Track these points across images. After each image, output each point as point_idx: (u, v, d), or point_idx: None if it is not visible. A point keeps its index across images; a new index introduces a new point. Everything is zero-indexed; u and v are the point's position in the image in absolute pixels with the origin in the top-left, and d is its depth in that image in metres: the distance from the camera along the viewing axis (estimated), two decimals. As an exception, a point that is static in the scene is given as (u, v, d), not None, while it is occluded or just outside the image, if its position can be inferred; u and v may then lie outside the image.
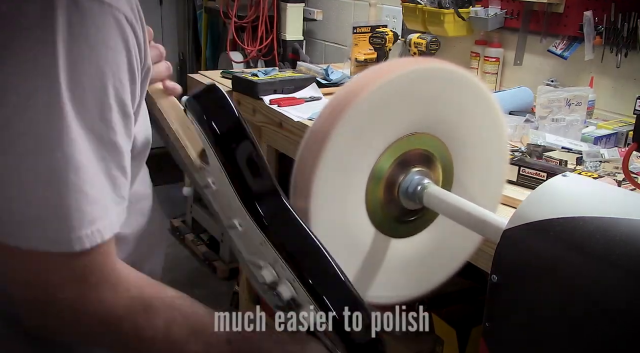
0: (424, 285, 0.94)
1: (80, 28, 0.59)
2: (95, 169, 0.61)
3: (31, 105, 0.58)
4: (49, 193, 0.59)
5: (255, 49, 2.84)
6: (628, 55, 1.66)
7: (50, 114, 0.58)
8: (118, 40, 0.61)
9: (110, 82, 0.61)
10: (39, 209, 0.59)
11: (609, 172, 1.31)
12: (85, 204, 0.60)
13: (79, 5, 0.58)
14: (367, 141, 0.82)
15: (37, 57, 0.58)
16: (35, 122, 0.58)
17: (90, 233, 0.60)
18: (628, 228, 0.61)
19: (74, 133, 0.59)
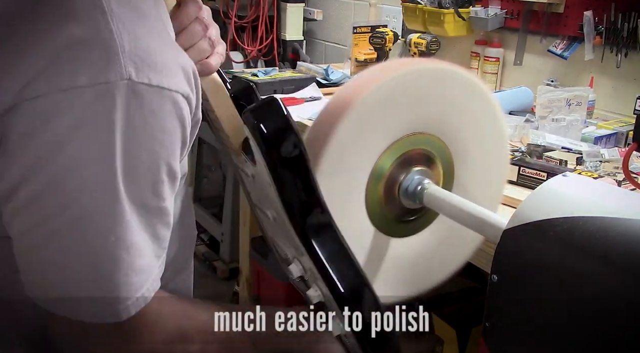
0: (423, 285, 0.94)
1: (139, 118, 0.58)
2: (145, 239, 0.63)
3: (87, 190, 0.58)
4: (101, 274, 0.61)
5: (255, 49, 2.84)
6: (628, 55, 1.66)
7: (106, 200, 0.59)
8: (175, 121, 0.61)
9: (164, 161, 0.62)
10: (89, 289, 0.61)
11: (609, 172, 1.31)
12: (134, 276, 0.62)
13: (138, 95, 0.57)
14: (367, 141, 0.82)
15: (95, 148, 0.57)
16: (91, 207, 0.59)
17: (136, 300, 0.62)
18: (628, 228, 0.61)
19: (126, 215, 0.60)
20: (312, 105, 1.82)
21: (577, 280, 0.63)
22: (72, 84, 0.55)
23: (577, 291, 0.63)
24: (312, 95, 1.89)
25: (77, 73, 0.55)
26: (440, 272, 0.96)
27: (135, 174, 0.60)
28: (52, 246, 0.59)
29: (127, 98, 0.57)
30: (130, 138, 0.58)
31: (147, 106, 0.58)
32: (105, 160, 0.58)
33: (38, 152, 0.56)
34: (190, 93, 0.63)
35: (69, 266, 0.60)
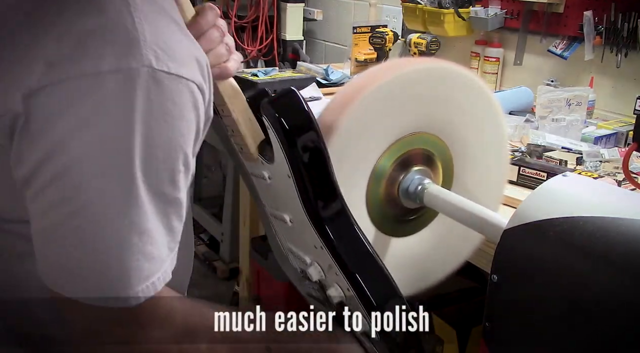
0: (423, 284, 0.94)
1: (158, 104, 0.60)
2: (158, 228, 0.63)
3: (104, 175, 0.59)
4: (112, 257, 0.61)
5: (255, 49, 2.84)
6: (628, 55, 1.66)
7: (122, 184, 0.60)
8: (191, 111, 0.63)
9: (181, 150, 0.63)
10: (100, 270, 0.61)
11: (609, 172, 1.31)
12: (144, 262, 0.62)
13: (158, 82, 0.59)
14: (368, 140, 0.82)
15: (115, 133, 0.59)
16: (107, 192, 0.60)
17: (146, 287, 0.63)
18: (628, 228, 0.61)
19: (142, 201, 0.61)
20: (312, 105, 1.81)
21: (577, 280, 0.63)
22: (96, 69, 0.57)
23: (577, 291, 0.63)
24: (312, 95, 1.89)
25: (100, 59, 0.57)
26: (440, 272, 0.96)
27: (153, 160, 0.61)
28: (67, 227, 0.60)
29: (148, 84, 0.59)
30: (149, 123, 0.59)
31: (167, 93, 0.60)
32: (124, 144, 0.59)
33: (58, 135, 0.58)
34: (204, 84, 0.65)
35: (82, 248, 0.61)
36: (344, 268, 0.70)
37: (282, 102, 0.71)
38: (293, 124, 0.69)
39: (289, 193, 0.71)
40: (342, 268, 0.70)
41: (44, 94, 0.57)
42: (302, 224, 0.71)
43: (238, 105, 0.77)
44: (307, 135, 0.69)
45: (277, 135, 0.69)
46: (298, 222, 0.72)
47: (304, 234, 0.72)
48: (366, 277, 0.71)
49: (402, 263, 0.92)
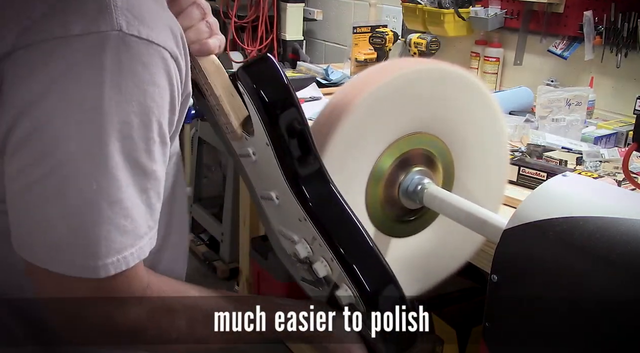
0: (424, 285, 0.94)
1: (128, 67, 0.60)
2: (134, 201, 0.63)
3: (74, 137, 0.59)
4: (80, 223, 0.61)
5: (255, 49, 2.83)
6: (628, 55, 1.66)
7: (92, 149, 0.60)
8: (163, 77, 0.63)
9: (155, 117, 0.63)
10: (68, 236, 0.61)
11: (609, 172, 1.31)
12: (116, 235, 0.62)
13: (128, 45, 0.60)
14: (367, 141, 0.82)
15: (85, 94, 0.59)
16: (76, 154, 0.59)
17: (117, 260, 0.62)
18: (628, 228, 0.61)
19: (113, 167, 0.60)
20: (312, 105, 1.82)
21: (576, 280, 0.63)
22: (66, 32, 0.59)
23: (577, 291, 0.63)
24: (312, 95, 1.89)
25: (70, 22, 0.59)
26: (441, 272, 0.96)
27: (125, 124, 0.61)
28: (37, 190, 0.60)
29: (117, 47, 0.59)
30: (119, 85, 0.60)
31: (136, 57, 0.61)
32: (94, 105, 0.59)
33: (29, 96, 0.59)
34: (178, 55, 0.65)
35: (51, 213, 0.60)
36: (324, 235, 0.70)
37: (256, 67, 0.71)
38: (267, 88, 0.70)
39: (271, 165, 0.71)
40: (323, 235, 0.70)
41: (15, 56, 0.58)
42: (286, 196, 0.71)
43: (220, 82, 0.77)
44: (281, 98, 0.70)
45: (252, 100, 0.70)
46: (282, 196, 0.72)
47: (290, 209, 0.72)
48: (347, 242, 0.70)
49: (402, 263, 0.92)
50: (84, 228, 0.61)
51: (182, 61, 0.66)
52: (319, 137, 0.79)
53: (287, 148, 0.70)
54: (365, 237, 0.71)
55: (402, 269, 0.92)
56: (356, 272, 0.69)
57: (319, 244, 0.71)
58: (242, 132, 0.76)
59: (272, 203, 0.75)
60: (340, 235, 0.70)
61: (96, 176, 0.60)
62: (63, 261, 0.61)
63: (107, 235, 0.61)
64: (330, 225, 0.70)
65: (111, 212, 0.61)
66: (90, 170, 0.60)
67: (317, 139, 0.79)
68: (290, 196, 0.71)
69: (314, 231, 0.70)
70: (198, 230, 3.06)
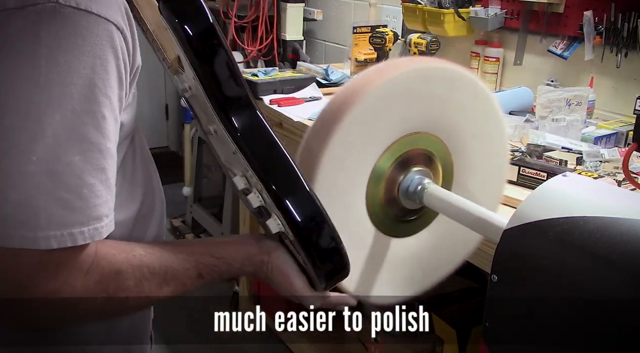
0: (424, 284, 0.94)
1: (66, 39, 0.60)
2: (85, 177, 0.62)
3: (11, 109, 0.59)
4: (19, 194, 0.60)
5: (255, 49, 2.83)
6: (628, 55, 1.66)
7: (29, 120, 0.59)
8: (108, 49, 0.62)
9: (100, 91, 0.62)
10: (7, 208, 0.60)
11: (609, 172, 1.31)
12: (57, 208, 0.61)
13: (65, 16, 0.60)
14: (368, 141, 0.82)
15: (21, 67, 0.59)
16: (15, 127, 0.59)
17: (61, 235, 0.61)
18: (628, 228, 0.61)
19: (52, 138, 0.60)
20: (312, 105, 1.82)
21: (577, 280, 0.63)
22: (2, 6, 0.59)
23: (577, 291, 0.63)
24: (312, 95, 1.89)
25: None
26: (440, 272, 0.96)
27: (66, 97, 0.60)
28: None
29: (54, 19, 0.59)
30: (57, 58, 0.59)
31: (74, 29, 0.60)
32: (30, 78, 0.59)
33: None
34: (124, 26, 0.64)
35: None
36: (252, 165, 0.70)
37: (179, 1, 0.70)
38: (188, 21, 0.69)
39: (201, 96, 0.71)
40: (252, 165, 0.70)
41: None
42: (220, 130, 0.72)
43: (152, 17, 0.77)
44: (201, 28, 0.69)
45: (173, 33, 0.69)
46: (219, 130, 0.72)
47: (225, 142, 0.72)
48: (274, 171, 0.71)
49: (402, 263, 0.92)
50: (22, 199, 0.60)
51: (127, 32, 0.65)
52: (320, 137, 0.79)
53: (211, 78, 0.70)
54: (292, 165, 0.72)
55: (402, 269, 0.92)
56: (284, 200, 0.70)
57: (251, 175, 0.71)
58: (178, 68, 0.76)
59: (214, 138, 0.75)
60: (267, 165, 0.71)
61: (33, 148, 0.59)
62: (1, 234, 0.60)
63: (46, 206, 0.60)
64: (258, 156, 0.71)
65: (51, 184, 0.60)
66: (28, 143, 0.59)
67: (318, 139, 0.79)
68: (222, 128, 0.71)
69: (244, 163, 0.71)
70: (198, 230, 3.07)
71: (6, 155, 0.59)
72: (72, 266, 0.63)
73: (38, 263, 0.62)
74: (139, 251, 0.69)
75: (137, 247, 0.69)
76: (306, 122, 1.66)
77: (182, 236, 3.05)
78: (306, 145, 0.81)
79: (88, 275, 0.64)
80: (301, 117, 1.69)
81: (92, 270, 0.65)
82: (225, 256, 0.73)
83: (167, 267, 0.70)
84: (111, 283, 0.66)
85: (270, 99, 1.82)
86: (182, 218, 3.17)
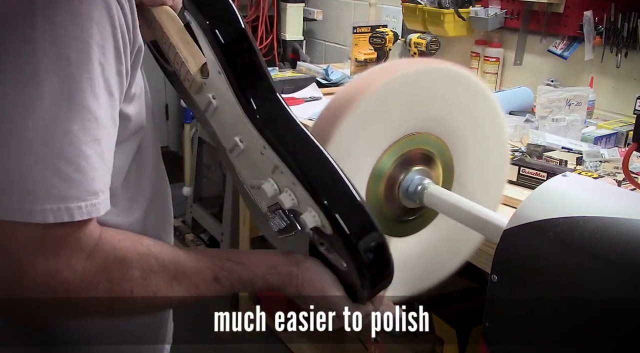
0: (424, 284, 0.94)
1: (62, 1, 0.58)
2: (83, 148, 0.60)
3: (7, 73, 0.58)
4: (15, 163, 0.58)
5: (255, 48, 2.83)
6: (628, 55, 1.66)
7: (24, 84, 0.58)
8: (103, 14, 0.60)
9: (96, 57, 0.60)
10: (3, 178, 0.58)
11: (609, 172, 1.31)
12: (54, 179, 0.58)
13: None
14: (368, 141, 0.82)
15: (17, 29, 0.58)
16: (11, 91, 0.58)
17: (57, 209, 0.59)
18: (628, 228, 0.61)
19: (49, 104, 0.58)
20: (312, 105, 1.82)
21: (577, 280, 0.63)
22: None
23: (577, 291, 0.63)
24: (312, 95, 1.89)
25: None
26: (440, 272, 0.96)
27: (63, 60, 0.58)
28: None
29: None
30: (53, 20, 0.58)
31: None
32: (26, 39, 0.57)
33: None
34: (124, 2, 0.63)
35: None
36: (284, 158, 0.66)
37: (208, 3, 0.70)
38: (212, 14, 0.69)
39: (230, 103, 0.70)
40: (283, 159, 0.66)
41: None
42: (247, 132, 0.69)
43: (175, 30, 0.76)
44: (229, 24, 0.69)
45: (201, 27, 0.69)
46: (245, 135, 0.70)
47: (252, 146, 0.70)
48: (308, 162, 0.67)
49: (402, 263, 0.92)
50: (19, 168, 0.58)
51: (127, 8, 0.63)
52: (320, 136, 0.79)
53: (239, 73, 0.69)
54: (327, 158, 0.67)
55: (402, 269, 0.92)
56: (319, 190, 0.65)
57: (281, 172, 0.66)
58: (201, 78, 0.74)
59: (239, 151, 0.72)
60: (300, 157, 0.67)
61: (30, 113, 0.57)
62: None
63: (43, 176, 0.58)
64: (290, 147, 0.67)
65: (48, 153, 0.58)
66: (24, 106, 0.57)
67: (319, 139, 0.79)
68: (250, 129, 0.68)
69: (275, 158, 0.66)
70: (198, 230, 3.07)
71: (2, 121, 0.58)
72: (73, 246, 0.61)
73: (36, 239, 0.59)
74: (147, 241, 0.66)
75: (145, 237, 0.66)
76: (306, 122, 1.65)
77: (182, 236, 3.05)
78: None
79: (90, 258, 0.62)
80: (301, 117, 1.68)
81: (95, 254, 0.62)
82: (246, 262, 0.68)
83: (177, 262, 0.66)
84: (115, 271, 0.63)
85: (270, 99, 1.82)
86: (182, 218, 3.17)
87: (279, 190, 0.68)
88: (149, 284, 0.64)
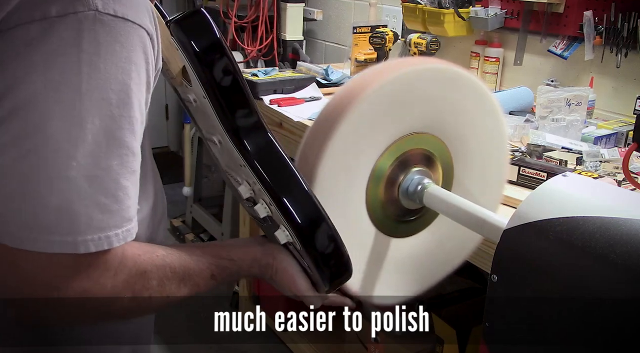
0: (424, 284, 0.94)
1: (106, 47, 0.61)
2: (120, 181, 0.63)
3: (52, 117, 0.60)
4: (59, 200, 0.61)
5: (255, 49, 2.84)
6: (628, 55, 1.66)
7: (70, 128, 0.60)
8: (140, 55, 0.64)
9: (135, 96, 0.64)
10: (47, 214, 0.61)
11: (609, 172, 1.31)
12: (95, 212, 0.62)
13: (104, 24, 0.61)
14: (367, 141, 0.82)
15: (62, 75, 0.60)
16: (55, 134, 0.60)
17: (98, 239, 0.63)
18: (628, 228, 0.61)
19: (92, 144, 0.61)
20: (312, 105, 1.82)
21: (577, 280, 0.63)
22: (44, 15, 0.60)
23: (577, 291, 0.63)
24: (312, 95, 1.89)
25: (49, 5, 0.60)
26: (441, 272, 0.96)
27: (105, 103, 0.62)
28: (14, 170, 0.60)
29: (95, 27, 0.61)
30: (97, 66, 0.61)
31: (114, 36, 0.62)
32: (72, 86, 0.60)
33: (9, 79, 0.60)
34: (153, 32, 0.66)
35: (30, 191, 0.61)
36: (263, 182, 0.72)
37: (189, 22, 0.71)
38: (198, 41, 0.70)
39: (210, 113, 0.72)
40: (262, 182, 0.72)
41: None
42: (226, 143, 0.73)
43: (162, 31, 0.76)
44: (213, 51, 0.70)
45: (185, 53, 0.70)
46: (224, 142, 0.74)
47: (231, 154, 0.74)
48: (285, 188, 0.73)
49: (402, 263, 0.92)
50: (63, 204, 0.61)
51: (155, 38, 0.67)
52: (319, 137, 0.79)
53: (224, 102, 0.71)
54: (301, 181, 0.74)
55: (402, 269, 0.92)
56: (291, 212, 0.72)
57: (259, 188, 0.73)
58: (182, 80, 0.77)
59: (216, 147, 0.76)
60: (278, 183, 0.73)
61: (74, 154, 0.60)
62: (42, 239, 0.61)
63: (85, 211, 0.61)
64: (269, 173, 0.72)
65: (90, 188, 0.61)
66: (69, 149, 0.60)
67: (317, 140, 0.79)
68: (230, 144, 0.73)
69: (253, 177, 0.73)
70: (198, 230, 3.07)
71: (48, 161, 0.60)
72: (102, 267, 0.65)
73: (72, 266, 0.63)
74: (160, 252, 0.71)
75: (158, 248, 0.71)
76: (306, 122, 1.66)
77: (182, 236, 3.05)
78: (306, 146, 0.81)
79: (116, 275, 0.66)
80: (301, 117, 1.69)
81: (120, 271, 0.66)
82: (235, 258, 0.76)
83: (185, 267, 0.72)
84: (137, 283, 0.68)
85: (270, 99, 1.82)
86: (182, 218, 3.17)
87: (256, 199, 0.76)
88: (164, 290, 0.70)
